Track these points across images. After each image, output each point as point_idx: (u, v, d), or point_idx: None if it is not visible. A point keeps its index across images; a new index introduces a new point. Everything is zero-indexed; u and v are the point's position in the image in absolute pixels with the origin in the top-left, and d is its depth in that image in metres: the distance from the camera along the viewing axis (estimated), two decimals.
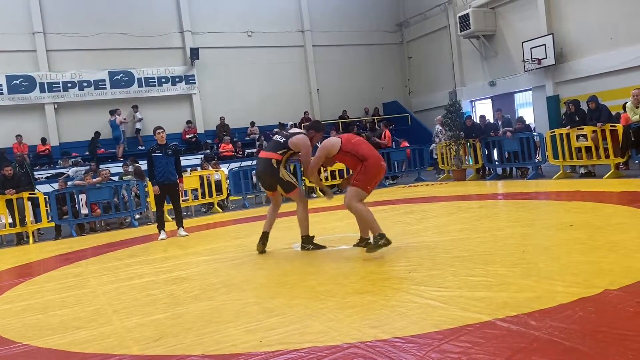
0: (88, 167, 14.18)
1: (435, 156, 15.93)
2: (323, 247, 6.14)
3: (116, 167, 15.21)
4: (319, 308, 3.87)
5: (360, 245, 5.88)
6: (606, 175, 10.50)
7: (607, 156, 10.65)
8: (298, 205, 6.18)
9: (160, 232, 9.00)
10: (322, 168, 6.48)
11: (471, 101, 20.74)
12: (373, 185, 5.63)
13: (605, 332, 2.82)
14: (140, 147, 18.68)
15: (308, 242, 6.17)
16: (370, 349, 2.97)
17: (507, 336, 2.91)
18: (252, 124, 20.45)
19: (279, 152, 6.09)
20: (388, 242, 5.35)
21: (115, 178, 13.38)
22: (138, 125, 18.84)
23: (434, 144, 16.21)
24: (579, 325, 2.96)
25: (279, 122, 19.76)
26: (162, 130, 8.99)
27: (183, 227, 9.17)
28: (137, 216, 12.54)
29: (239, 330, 3.59)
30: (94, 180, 11.74)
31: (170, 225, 9.97)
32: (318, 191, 14.31)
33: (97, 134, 18.17)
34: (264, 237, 6.37)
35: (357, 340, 3.12)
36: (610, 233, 5.29)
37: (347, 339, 3.15)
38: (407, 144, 17.10)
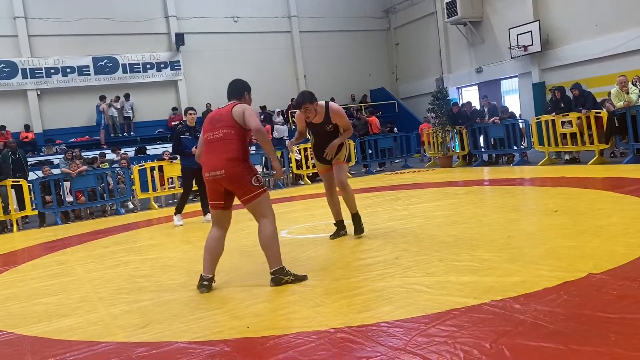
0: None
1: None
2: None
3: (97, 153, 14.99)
4: (306, 294, 3.88)
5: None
6: (590, 162, 10.60)
7: (592, 142, 10.75)
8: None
9: (176, 217, 8.56)
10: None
11: (458, 88, 20.78)
12: (210, 198, 4.40)
13: (589, 315, 2.86)
14: (125, 134, 18.51)
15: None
16: (357, 334, 2.98)
17: (492, 320, 2.94)
18: None
19: None
20: (203, 288, 4.27)
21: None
22: (127, 113, 18.59)
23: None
24: (563, 308, 3.00)
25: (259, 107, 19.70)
26: (194, 111, 8.50)
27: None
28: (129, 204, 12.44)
29: (225, 317, 3.59)
30: (80, 168, 11.59)
31: (158, 212, 9.90)
32: (305, 178, 14.32)
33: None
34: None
35: (344, 325, 3.13)
36: (594, 218, 5.35)
37: (335, 324, 3.16)
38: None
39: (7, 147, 11.93)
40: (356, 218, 5.69)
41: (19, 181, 11.04)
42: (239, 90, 4.55)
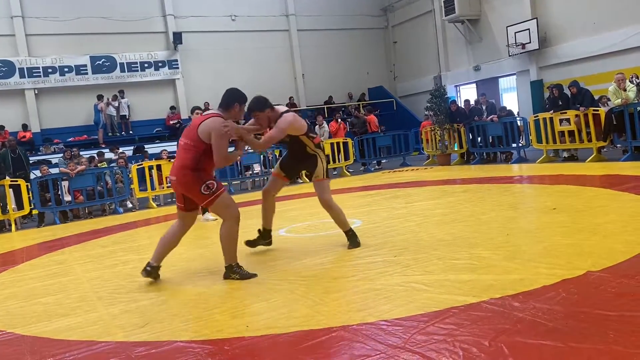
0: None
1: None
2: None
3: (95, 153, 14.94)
4: (305, 292, 3.88)
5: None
6: (588, 159, 10.62)
7: (590, 140, 10.77)
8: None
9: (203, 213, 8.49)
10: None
11: (456, 86, 20.78)
12: (177, 201, 4.80)
13: (587, 313, 2.86)
14: (122, 133, 18.48)
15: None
16: (356, 332, 2.98)
17: (491, 318, 2.95)
18: None
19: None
20: (144, 272, 4.71)
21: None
22: (124, 111, 18.55)
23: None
24: (561, 306, 3.00)
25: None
26: (200, 111, 8.30)
27: (209, 212, 8.71)
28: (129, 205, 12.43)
29: (225, 316, 3.58)
30: (79, 168, 11.59)
31: (156, 211, 9.88)
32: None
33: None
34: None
35: (343, 323, 3.14)
36: (592, 216, 5.36)
37: (334, 323, 3.16)
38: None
39: (7, 146, 11.94)
40: (349, 234, 5.25)
41: (17, 181, 11.03)
42: (228, 100, 4.61)
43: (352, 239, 5.23)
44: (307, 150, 5.15)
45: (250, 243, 5.50)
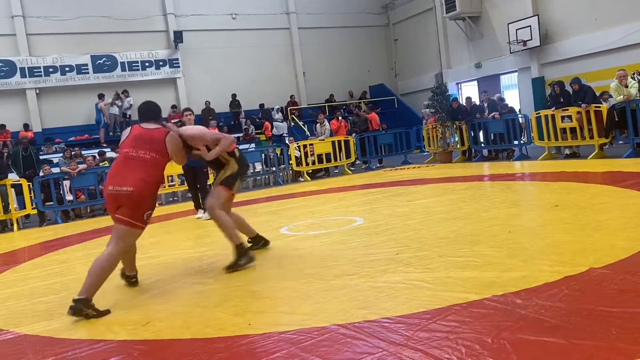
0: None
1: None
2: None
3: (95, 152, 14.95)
4: (307, 290, 3.87)
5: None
6: (590, 156, 10.59)
7: (592, 137, 10.75)
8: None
9: (197, 211, 8.77)
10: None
11: (457, 83, 20.77)
12: (109, 210, 4.34)
13: (590, 310, 2.85)
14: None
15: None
16: (358, 330, 2.98)
17: (493, 315, 2.94)
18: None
19: None
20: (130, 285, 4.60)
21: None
22: (126, 110, 18.56)
23: None
24: (564, 303, 2.99)
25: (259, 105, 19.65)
26: (190, 112, 8.40)
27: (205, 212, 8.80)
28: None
29: (227, 314, 3.58)
30: (80, 167, 11.61)
31: (157, 209, 9.88)
32: (305, 175, 14.31)
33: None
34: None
35: (345, 321, 3.13)
36: (595, 212, 5.34)
37: (336, 321, 3.16)
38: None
39: (20, 144, 12.06)
40: (238, 249, 4.74)
41: (19, 180, 11.05)
42: (157, 112, 4.48)
43: (238, 256, 4.70)
44: (221, 159, 4.96)
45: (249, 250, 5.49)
